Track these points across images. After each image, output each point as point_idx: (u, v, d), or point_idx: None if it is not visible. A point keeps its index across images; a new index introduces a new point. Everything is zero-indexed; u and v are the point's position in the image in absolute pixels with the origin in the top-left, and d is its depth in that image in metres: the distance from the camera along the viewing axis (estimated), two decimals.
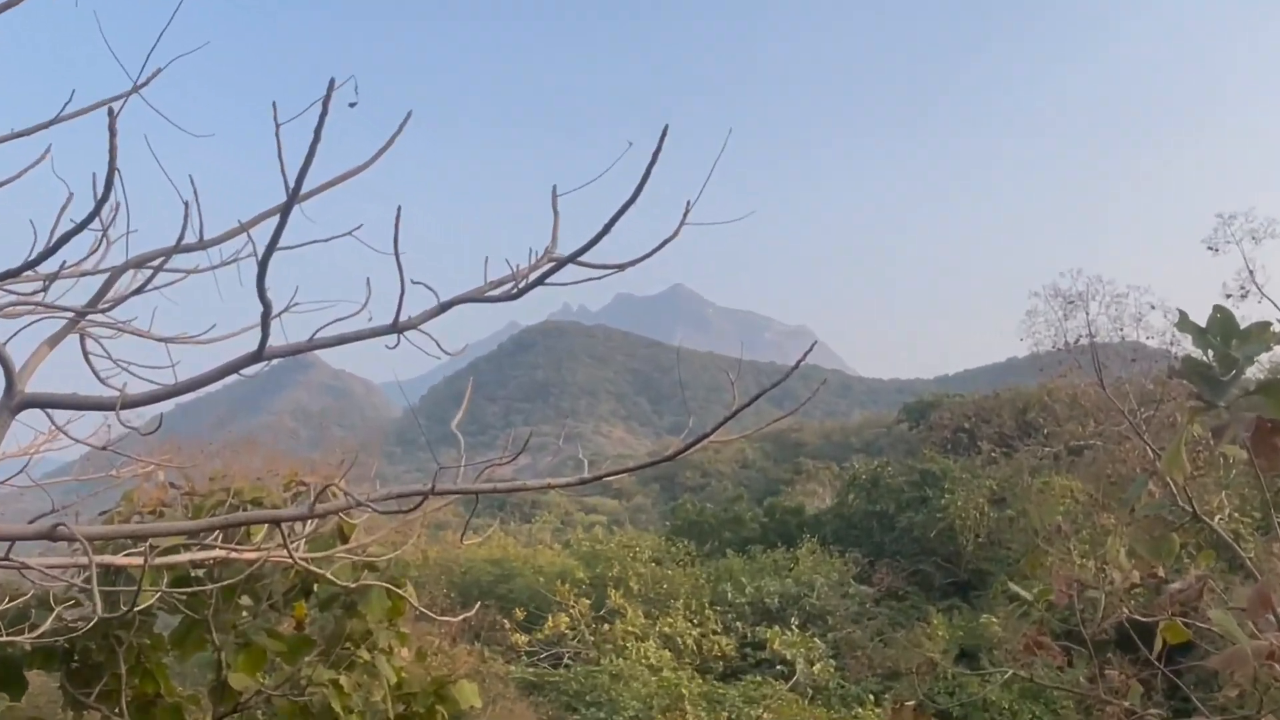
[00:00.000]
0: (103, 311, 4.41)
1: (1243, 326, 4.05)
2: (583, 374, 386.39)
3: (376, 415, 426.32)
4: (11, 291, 4.54)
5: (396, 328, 3.84)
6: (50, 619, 5.98)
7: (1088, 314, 24.23)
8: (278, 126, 3.23)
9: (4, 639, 6.35)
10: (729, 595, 35.51)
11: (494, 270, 4.09)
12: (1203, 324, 4.07)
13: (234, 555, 6.03)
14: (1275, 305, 18.17)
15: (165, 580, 7.00)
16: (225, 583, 7.23)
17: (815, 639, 30.43)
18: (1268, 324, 4.08)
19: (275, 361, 3.81)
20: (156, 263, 4.37)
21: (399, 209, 3.50)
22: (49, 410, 4.60)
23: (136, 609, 6.80)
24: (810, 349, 4.55)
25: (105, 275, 4.41)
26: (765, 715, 22.29)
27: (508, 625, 29.77)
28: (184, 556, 5.70)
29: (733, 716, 22.64)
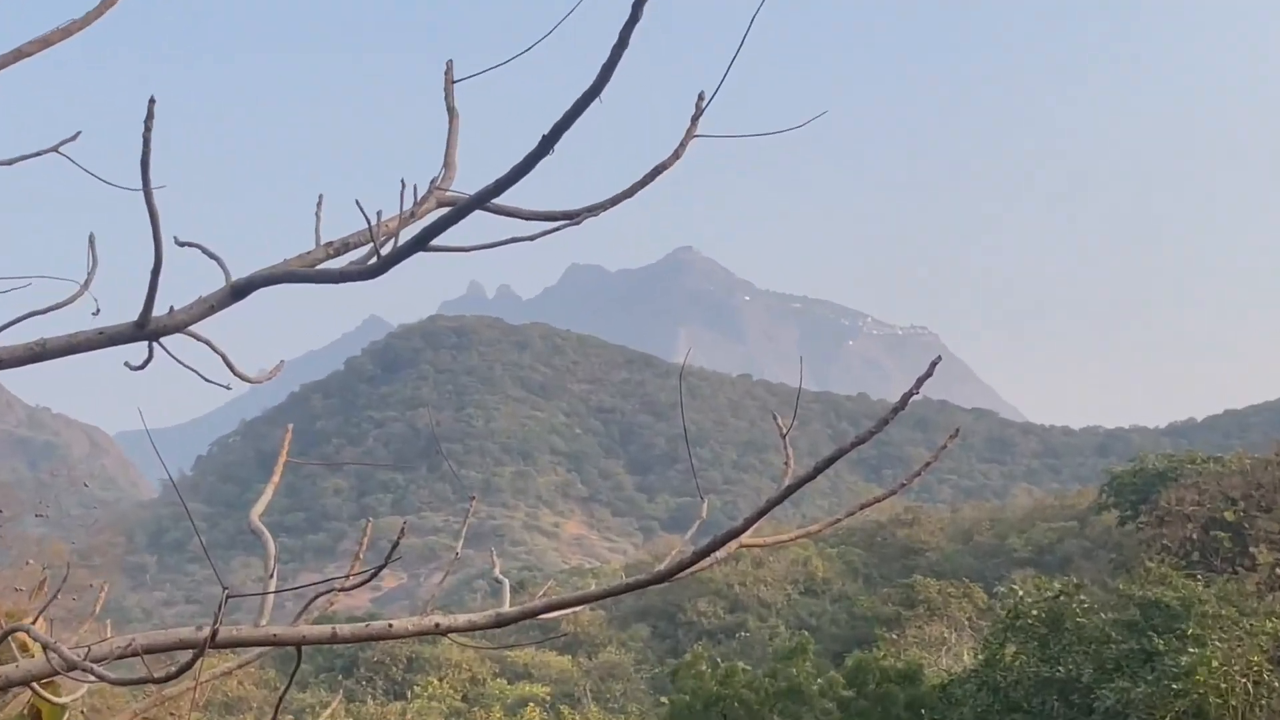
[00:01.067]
0: None
1: None
2: (505, 415, 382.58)
3: (111, 492, 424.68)
4: None
5: (146, 329, 3.81)
6: None
7: None
8: None
9: None
10: None
11: (342, 222, 4.10)
12: None
13: None
14: None
15: None
16: None
17: None
18: None
19: None
20: None
21: (151, 105, 3.47)
22: None
23: None
24: (932, 370, 4.43)
25: None
26: None
27: None
28: None
29: None
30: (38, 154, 4.21)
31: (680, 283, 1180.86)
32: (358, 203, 4.02)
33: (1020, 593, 53.16)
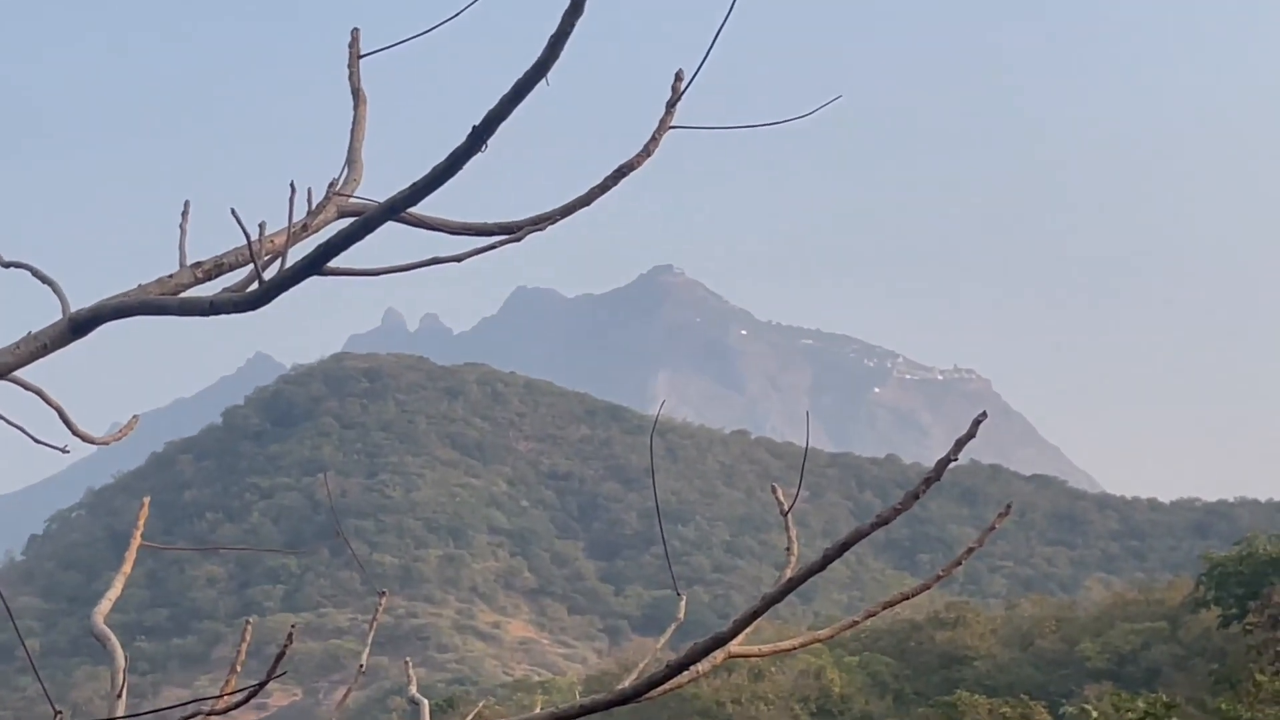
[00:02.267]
0: None
1: None
2: (431, 482, 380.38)
3: None
4: None
5: None
6: None
7: None
8: None
9: None
10: None
11: (216, 237, 4.10)
12: None
13: None
14: None
15: None
16: None
17: None
18: None
19: None
20: None
21: None
22: None
23: None
24: (977, 426, 4.50)
25: None
26: None
27: None
28: None
29: None
30: None
31: (658, 312, 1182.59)
32: (233, 212, 3.99)
33: (1095, 715, 53.38)
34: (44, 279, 4.13)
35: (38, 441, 4.28)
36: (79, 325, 3.95)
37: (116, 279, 4.03)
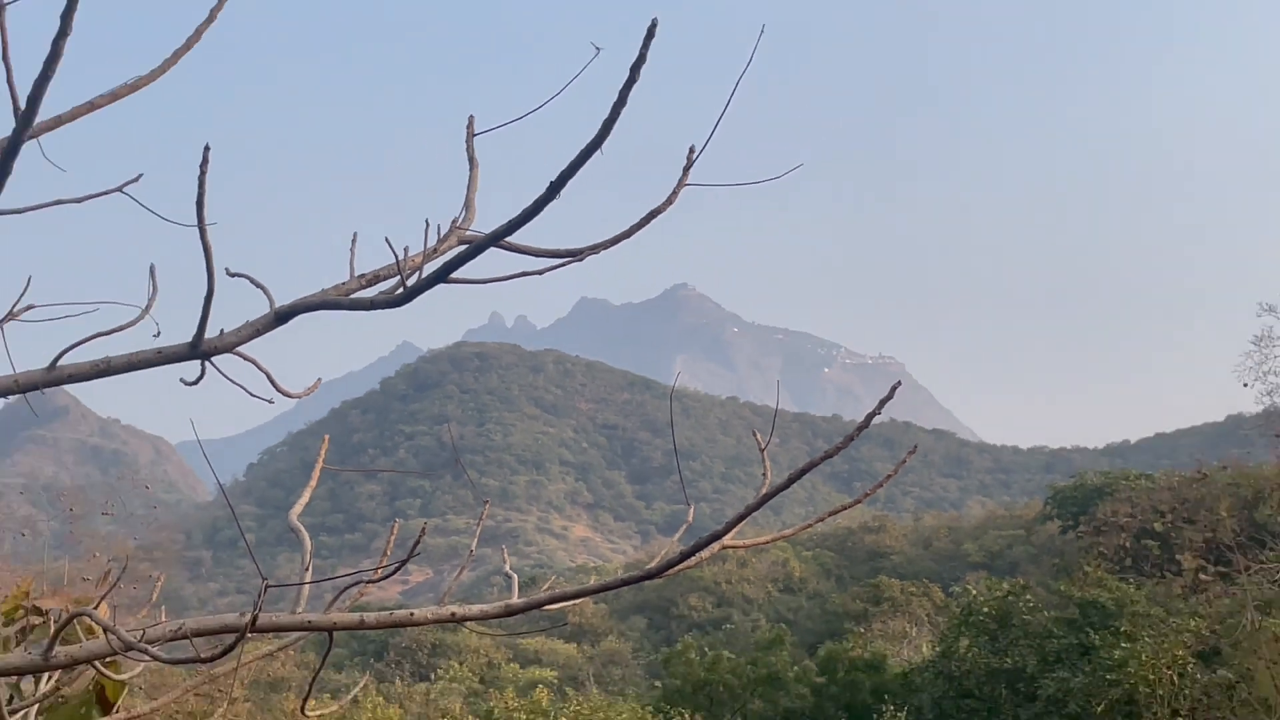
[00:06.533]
0: None
1: None
2: (521, 430, 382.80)
3: (172, 495, 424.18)
4: None
5: (199, 349, 3.80)
6: None
7: None
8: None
9: None
10: None
11: (373, 256, 4.09)
12: None
13: None
14: None
15: None
16: None
17: None
18: None
19: None
20: None
21: (207, 151, 3.46)
22: None
23: None
24: (892, 393, 4.43)
25: None
26: None
27: None
28: None
29: None
30: (104, 193, 4.20)
31: (677, 316, 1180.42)
32: (387, 240, 4.02)
33: (973, 592, 53.02)
34: (257, 284, 4.11)
35: (252, 395, 4.25)
36: (281, 316, 3.95)
37: (307, 285, 4.02)
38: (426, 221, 4.08)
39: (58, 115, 3.96)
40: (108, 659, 4.66)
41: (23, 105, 3.41)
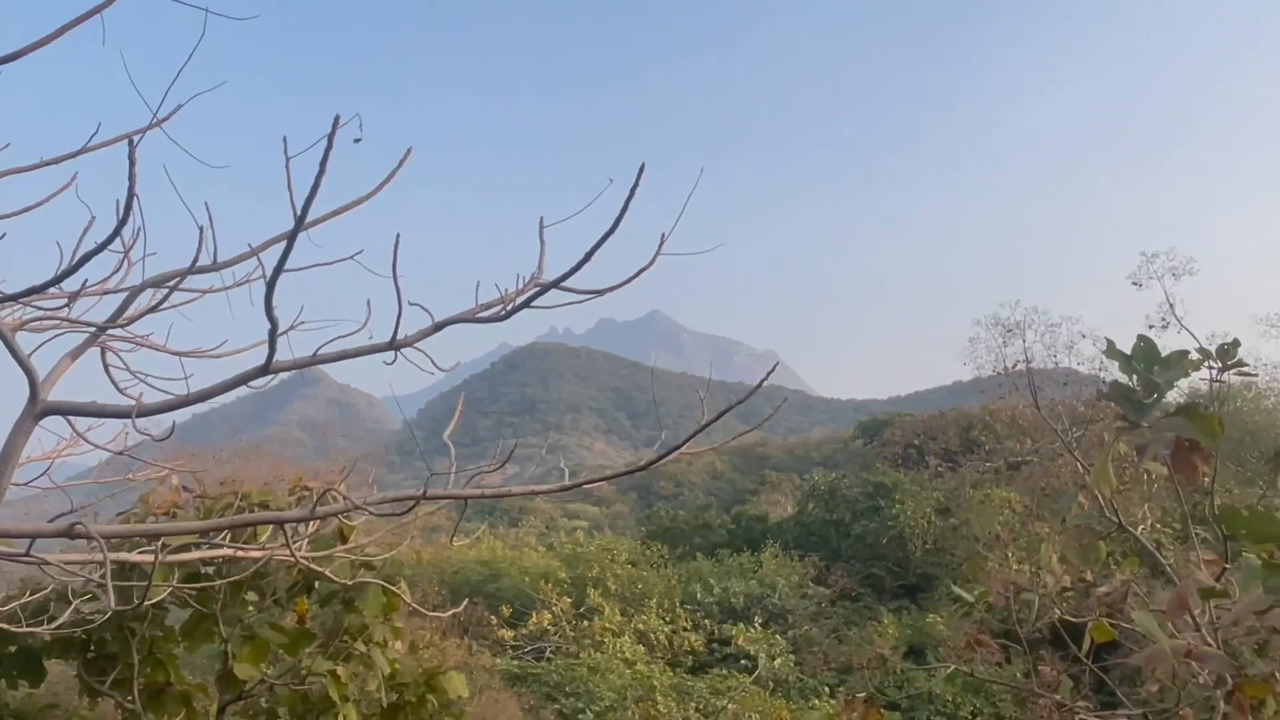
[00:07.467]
0: (122, 327, 4.36)
1: (1163, 355, 4.11)
2: (567, 391, 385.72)
3: (377, 427, 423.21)
4: (38, 307, 4.50)
5: (394, 345, 3.81)
6: (68, 612, 5.87)
7: (1025, 341, 24.47)
8: (287, 160, 3.27)
9: (25, 630, 6.23)
10: (698, 595, 35.42)
11: (485, 294, 4.09)
12: (1128, 352, 4.13)
13: (241, 554, 5.94)
14: (1193, 336, 18.44)
15: (176, 577, 6.90)
16: (232, 579, 7.13)
17: (777, 636, 30.36)
18: (1185, 353, 4.14)
19: (282, 375, 3.77)
20: (173, 282, 4.34)
21: (398, 236, 3.50)
22: (70, 418, 4.55)
23: (149, 603, 6.69)
24: (773, 370, 4.50)
25: (125, 293, 4.36)
26: (730, 706, 22.19)
27: (494, 621, 29.53)
28: (194, 555, 5.61)
29: (700, 706, 22.50)
30: (335, 261, 4.21)
31: (653, 327, 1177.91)
32: (496, 285, 4.00)
33: (816, 479, 53.18)
34: (424, 309, 4.10)
35: (422, 370, 4.23)
36: (438, 326, 3.93)
37: (450, 309, 3.99)
38: (518, 275, 4.06)
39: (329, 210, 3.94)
40: (344, 513, 4.65)
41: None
